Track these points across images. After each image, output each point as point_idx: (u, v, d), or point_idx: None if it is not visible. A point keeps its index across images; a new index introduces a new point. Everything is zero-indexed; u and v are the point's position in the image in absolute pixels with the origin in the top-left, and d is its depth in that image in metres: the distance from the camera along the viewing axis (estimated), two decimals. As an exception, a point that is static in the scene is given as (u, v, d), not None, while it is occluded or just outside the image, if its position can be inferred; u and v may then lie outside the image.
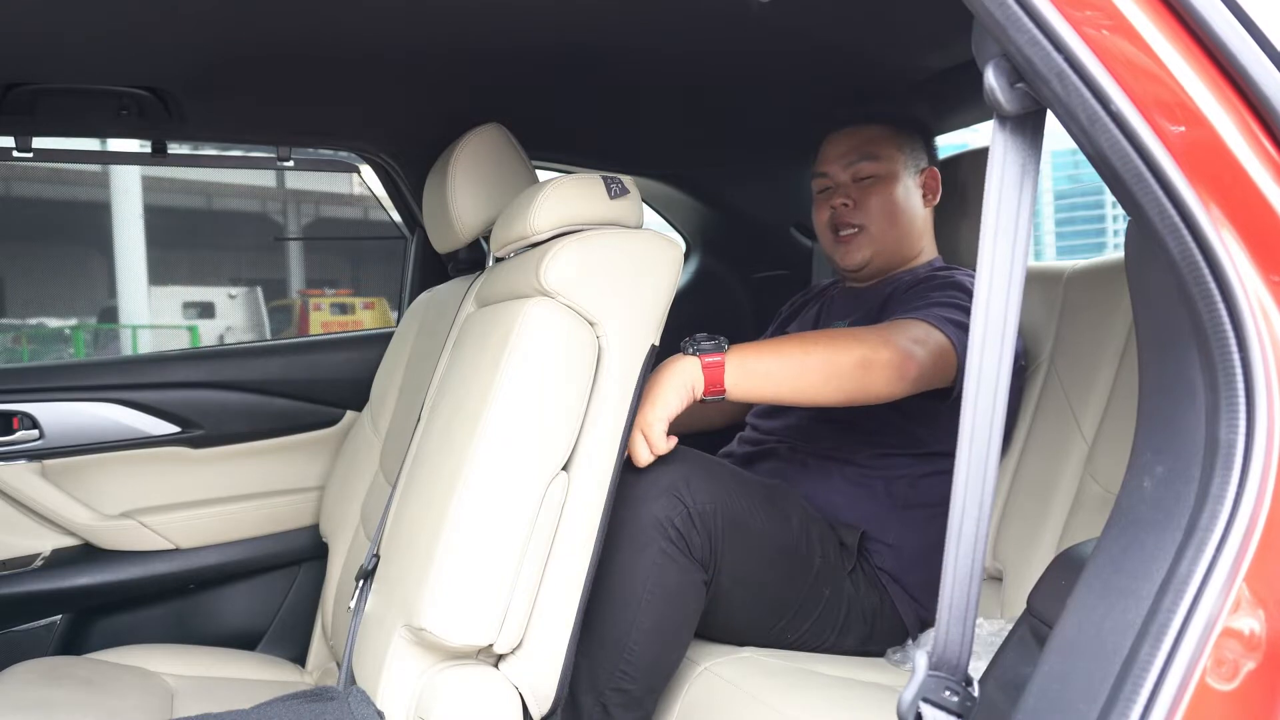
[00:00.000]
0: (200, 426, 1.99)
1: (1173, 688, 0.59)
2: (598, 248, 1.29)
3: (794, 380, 1.39)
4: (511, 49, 1.69)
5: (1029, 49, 0.64)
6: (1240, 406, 0.62)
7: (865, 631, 1.54)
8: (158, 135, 1.96)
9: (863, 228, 1.73)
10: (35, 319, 11.84)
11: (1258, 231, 0.63)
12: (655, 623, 1.33)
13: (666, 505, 1.33)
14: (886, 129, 1.75)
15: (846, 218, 1.74)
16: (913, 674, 0.74)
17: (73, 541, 1.92)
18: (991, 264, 0.70)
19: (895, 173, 1.73)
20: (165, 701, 1.53)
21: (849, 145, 1.76)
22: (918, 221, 1.76)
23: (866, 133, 1.76)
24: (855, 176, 1.74)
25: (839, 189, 1.76)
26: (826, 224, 1.78)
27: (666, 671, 1.38)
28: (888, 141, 1.74)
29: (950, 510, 0.73)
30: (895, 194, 1.73)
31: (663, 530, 1.32)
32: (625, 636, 1.32)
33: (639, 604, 1.32)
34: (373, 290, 11.34)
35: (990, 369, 0.71)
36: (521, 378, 1.21)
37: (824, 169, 1.79)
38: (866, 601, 1.54)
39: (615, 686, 1.32)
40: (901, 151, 1.74)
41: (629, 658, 1.31)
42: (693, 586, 1.36)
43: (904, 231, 1.74)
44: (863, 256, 1.74)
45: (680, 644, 1.39)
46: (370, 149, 2.13)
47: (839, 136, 1.78)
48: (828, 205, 1.77)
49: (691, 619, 1.39)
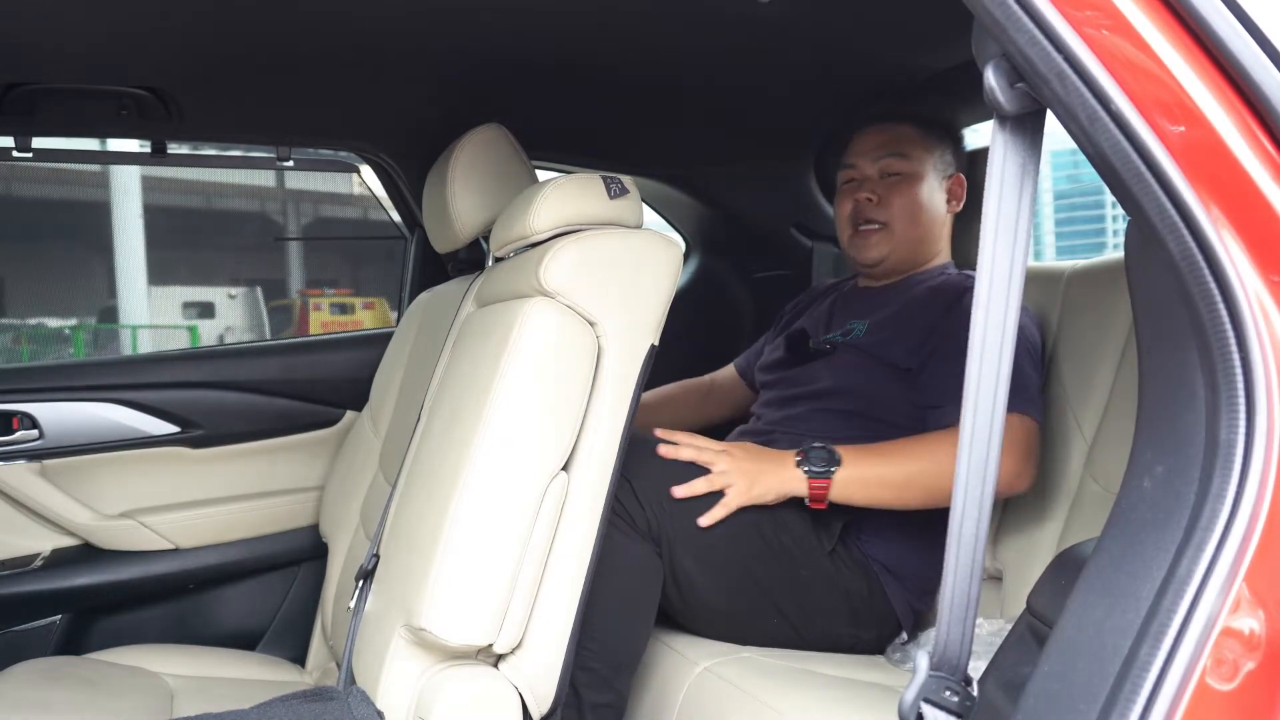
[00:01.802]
0: (200, 426, 1.99)
1: (1172, 687, 0.59)
2: (597, 248, 1.29)
3: (898, 498, 1.48)
4: (511, 49, 1.69)
5: (1029, 49, 0.64)
6: (1240, 406, 0.62)
7: (849, 616, 1.54)
8: (158, 135, 1.96)
9: (885, 225, 1.73)
10: (35, 319, 11.84)
11: (1257, 231, 0.63)
12: (615, 598, 1.35)
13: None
14: (918, 129, 1.76)
15: (869, 213, 1.74)
16: (914, 674, 0.74)
17: (73, 541, 1.92)
18: (991, 264, 0.70)
19: (922, 173, 1.74)
20: (165, 701, 1.53)
21: (879, 141, 1.76)
22: (938, 224, 1.76)
23: (898, 131, 1.76)
24: (883, 172, 1.74)
25: (865, 183, 1.76)
26: (848, 217, 1.78)
27: (633, 650, 1.39)
28: (917, 142, 1.75)
29: (950, 510, 0.73)
30: (920, 194, 1.73)
31: (609, 507, 1.35)
32: (584, 615, 1.32)
33: (596, 582, 1.32)
34: (373, 290, 11.34)
35: (990, 368, 0.71)
36: (521, 378, 1.21)
37: (852, 160, 1.79)
38: (851, 585, 1.53)
39: (581, 665, 1.33)
40: (930, 154, 1.75)
41: (590, 634, 1.32)
42: (645, 559, 1.39)
43: (924, 233, 1.75)
44: (879, 253, 1.75)
45: (642, 619, 1.40)
46: (370, 149, 2.13)
47: (870, 131, 1.78)
48: (851, 198, 1.77)
49: (651, 593, 1.41)
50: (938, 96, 1.92)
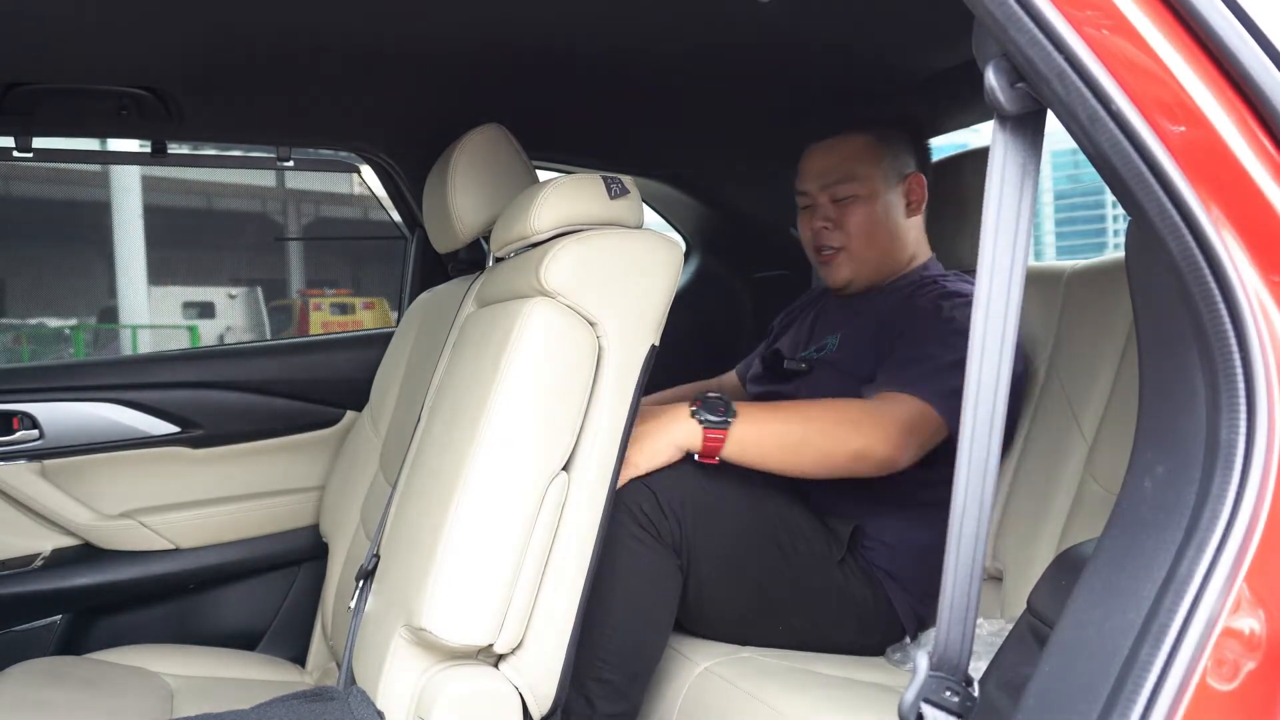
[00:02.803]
0: (200, 426, 1.99)
1: (1173, 688, 0.59)
2: (598, 248, 1.29)
3: (788, 461, 1.46)
4: (512, 49, 1.69)
5: (1029, 49, 0.64)
6: (1240, 406, 0.62)
7: (856, 625, 1.54)
8: (158, 135, 1.96)
9: (842, 248, 1.71)
10: (35, 319, 11.83)
11: (1258, 231, 0.63)
12: (631, 609, 1.35)
13: (634, 492, 1.37)
14: (867, 139, 1.71)
15: (825, 240, 1.72)
16: (914, 674, 0.74)
17: (73, 541, 1.92)
18: (991, 264, 0.70)
19: (875, 191, 1.69)
20: (165, 701, 1.53)
21: (826, 164, 1.72)
22: (900, 233, 1.72)
23: (845, 148, 1.71)
24: (833, 197, 1.71)
25: (819, 209, 1.73)
26: (809, 242, 1.77)
27: (648, 660, 1.39)
28: (867, 157, 1.70)
29: (950, 510, 0.73)
30: (875, 213, 1.69)
31: (632, 516, 1.36)
32: (601, 625, 1.33)
33: (612, 591, 1.33)
34: (373, 290, 11.33)
35: (990, 369, 0.71)
36: (521, 378, 1.21)
37: (803, 186, 1.76)
38: (858, 593, 1.54)
39: (596, 676, 1.33)
40: (880, 166, 1.70)
41: (607, 645, 1.32)
42: (667, 572, 1.38)
43: (885, 249, 1.72)
44: (844, 276, 1.73)
45: (659, 630, 1.40)
46: (370, 149, 2.12)
47: (817, 151, 1.75)
48: (809, 225, 1.76)
49: (669, 604, 1.40)
50: (938, 96, 1.93)
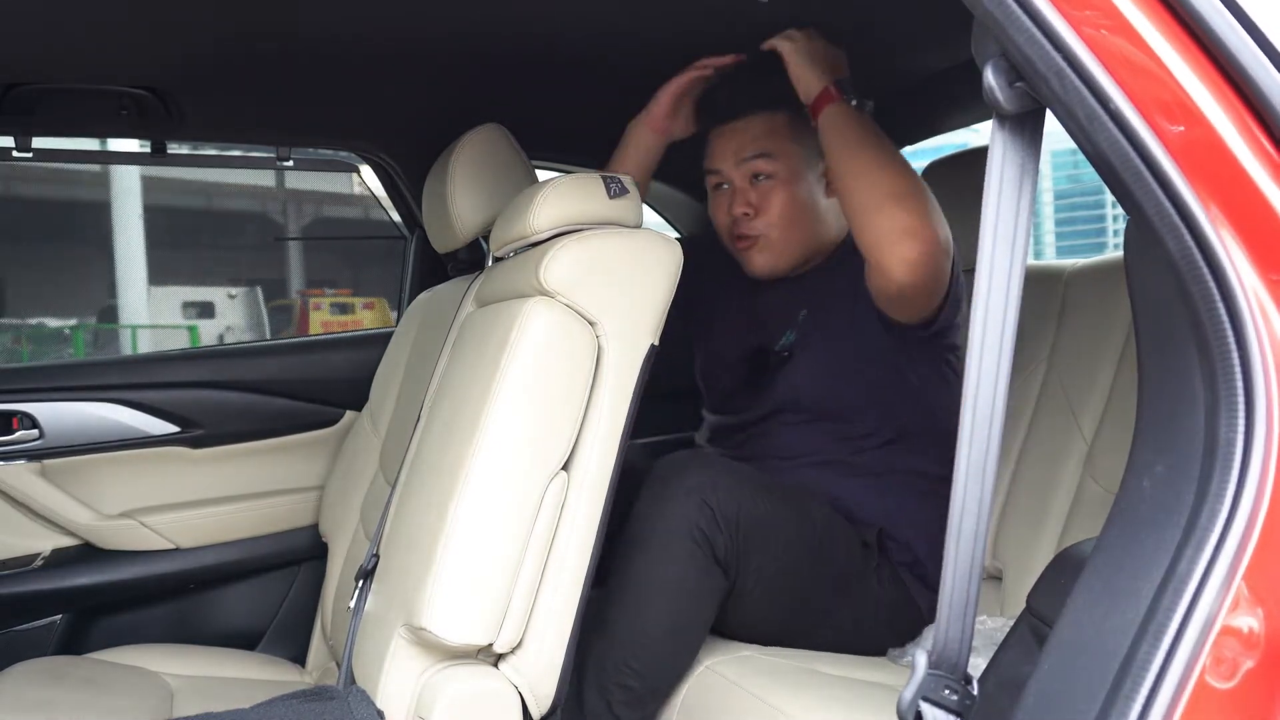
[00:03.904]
0: (200, 426, 1.99)
1: (1172, 686, 0.59)
2: (597, 247, 1.29)
3: (867, 166, 1.39)
4: (511, 49, 1.69)
5: (1028, 48, 0.64)
6: (1239, 405, 0.62)
7: (888, 628, 1.53)
8: (158, 135, 1.96)
9: (762, 236, 1.60)
10: (35, 319, 11.83)
11: (1256, 231, 0.63)
12: (672, 622, 1.35)
13: (693, 508, 1.35)
14: (783, 116, 1.59)
15: (743, 228, 1.60)
16: (912, 672, 0.74)
17: (73, 541, 1.92)
18: (991, 264, 0.70)
19: (794, 170, 1.59)
20: (165, 701, 1.53)
21: (741, 141, 1.60)
22: (823, 215, 1.62)
23: (760, 125, 1.60)
24: (751, 173, 1.59)
25: (737, 193, 1.61)
26: (725, 229, 1.64)
27: (674, 675, 1.39)
28: (783, 133, 1.59)
29: (950, 510, 0.73)
30: (797, 194, 1.59)
31: (689, 532, 1.34)
32: (640, 633, 1.33)
33: (658, 603, 1.33)
34: (372, 290, 11.32)
35: (990, 369, 0.71)
36: (521, 377, 1.21)
37: (715, 165, 1.63)
38: (890, 598, 1.53)
39: (620, 682, 1.33)
40: (799, 143, 1.58)
41: (639, 654, 1.32)
42: (712, 590, 1.37)
43: (810, 229, 1.61)
44: (766, 264, 1.62)
45: (691, 648, 1.40)
46: (370, 149, 2.12)
47: (730, 129, 1.62)
48: (725, 210, 1.62)
49: (705, 623, 1.40)
50: (937, 96, 1.93)
